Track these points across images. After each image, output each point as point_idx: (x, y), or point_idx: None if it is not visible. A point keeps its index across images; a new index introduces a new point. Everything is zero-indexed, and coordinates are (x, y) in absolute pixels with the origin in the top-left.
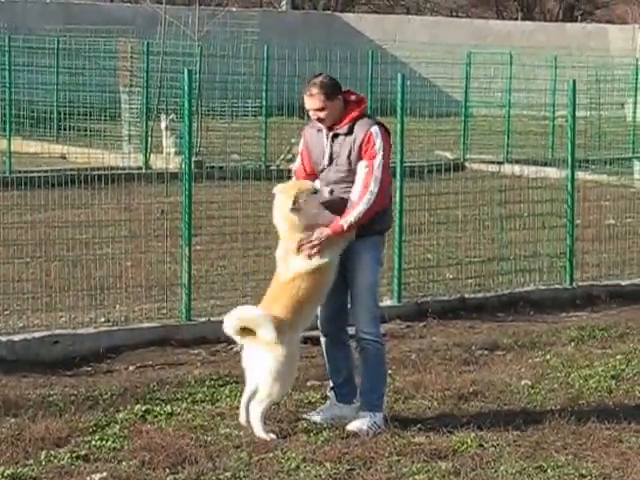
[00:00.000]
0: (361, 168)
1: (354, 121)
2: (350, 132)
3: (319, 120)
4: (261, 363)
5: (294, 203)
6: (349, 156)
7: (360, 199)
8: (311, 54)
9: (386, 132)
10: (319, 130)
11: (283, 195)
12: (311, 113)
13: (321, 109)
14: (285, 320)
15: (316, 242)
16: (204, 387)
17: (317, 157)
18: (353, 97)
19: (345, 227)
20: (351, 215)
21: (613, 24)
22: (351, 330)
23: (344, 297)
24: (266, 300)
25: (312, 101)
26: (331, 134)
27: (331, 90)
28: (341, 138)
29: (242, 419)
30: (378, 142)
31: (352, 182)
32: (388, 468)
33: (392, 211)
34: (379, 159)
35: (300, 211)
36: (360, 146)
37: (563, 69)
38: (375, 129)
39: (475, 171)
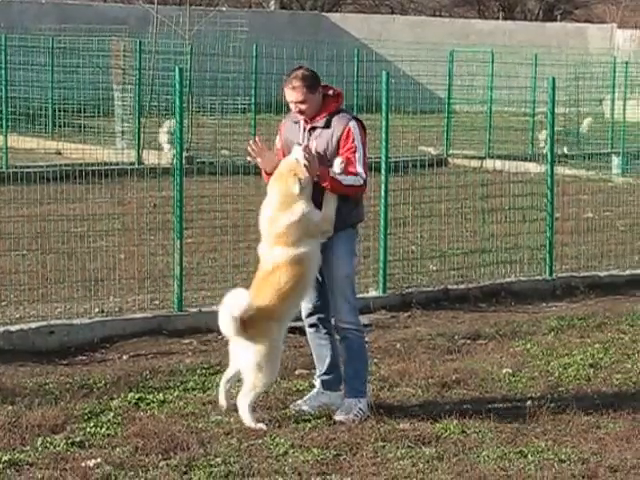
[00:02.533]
0: (340, 162)
1: (331, 115)
2: (327, 126)
3: (300, 112)
4: (245, 355)
5: (300, 184)
6: (326, 149)
7: (350, 175)
8: (299, 53)
9: (363, 127)
10: (296, 122)
11: (285, 180)
12: (292, 106)
13: (302, 101)
14: (267, 312)
15: (312, 157)
16: (195, 376)
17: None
18: (330, 91)
19: (329, 176)
20: (342, 177)
21: (592, 23)
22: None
23: (326, 289)
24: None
25: (294, 93)
26: (308, 127)
27: (312, 82)
28: (318, 131)
29: (222, 401)
30: (357, 137)
31: None
32: (373, 453)
33: (364, 205)
34: (360, 153)
35: (303, 189)
36: (338, 141)
37: (543, 67)
38: (353, 124)
39: (458, 166)
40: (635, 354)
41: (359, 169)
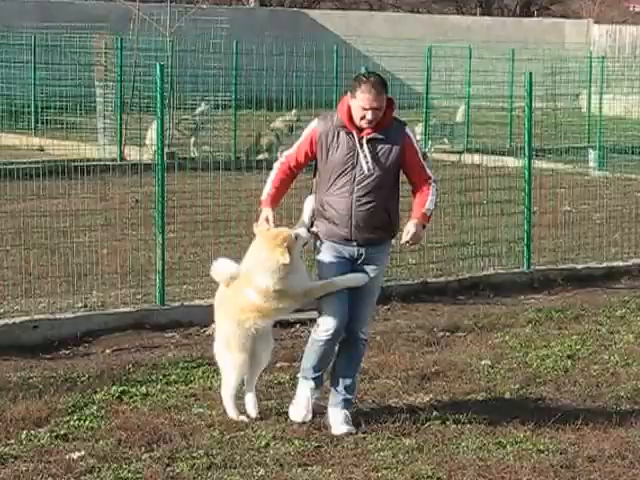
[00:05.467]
0: (414, 167)
1: (389, 124)
2: (387, 136)
3: (372, 120)
4: (217, 351)
5: (288, 253)
6: (391, 161)
7: (428, 189)
8: (278, 49)
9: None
10: (348, 133)
11: (271, 245)
12: (368, 112)
13: (380, 108)
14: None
15: (416, 236)
16: (178, 369)
17: (342, 160)
18: None
19: (428, 215)
20: (431, 202)
21: (568, 19)
22: None
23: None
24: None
25: (378, 100)
26: (366, 138)
27: (386, 90)
28: (379, 143)
29: (239, 412)
30: (415, 140)
31: (393, 187)
32: (354, 445)
33: None
34: (421, 154)
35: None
36: (403, 150)
37: (520, 62)
38: (409, 130)
39: (436, 160)
40: (612, 345)
41: (428, 172)
